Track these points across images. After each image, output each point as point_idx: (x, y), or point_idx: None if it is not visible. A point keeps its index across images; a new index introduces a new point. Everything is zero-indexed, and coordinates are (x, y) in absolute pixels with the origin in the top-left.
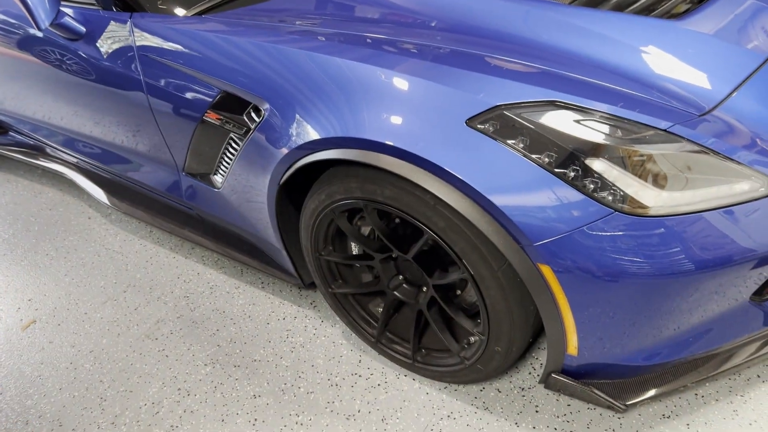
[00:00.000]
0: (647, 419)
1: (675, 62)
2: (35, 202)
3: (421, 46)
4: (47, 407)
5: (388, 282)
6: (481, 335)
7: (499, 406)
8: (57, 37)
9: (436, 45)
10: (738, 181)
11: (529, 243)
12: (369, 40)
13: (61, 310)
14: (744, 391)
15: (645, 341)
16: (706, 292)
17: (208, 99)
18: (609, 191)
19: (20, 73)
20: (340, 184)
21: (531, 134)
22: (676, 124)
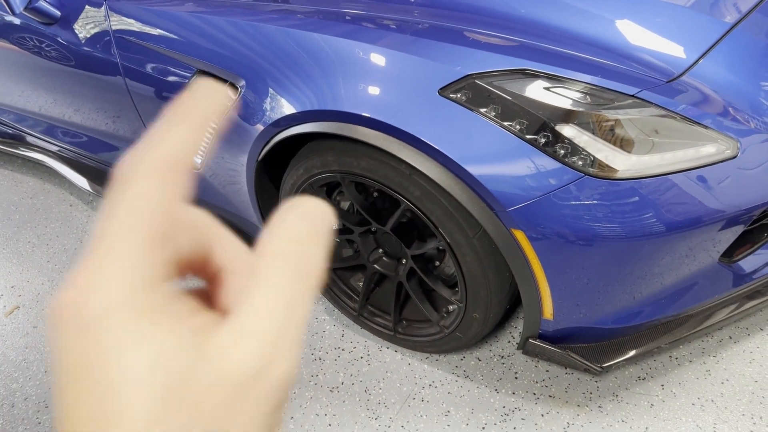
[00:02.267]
0: (623, 381)
1: (645, 32)
2: (16, 191)
3: (400, 22)
4: (33, 390)
5: (368, 256)
6: (460, 303)
7: (480, 373)
8: (33, 22)
9: (416, 20)
10: (704, 144)
11: (502, 209)
12: (348, 17)
13: (44, 296)
14: (716, 352)
15: (619, 304)
16: (677, 255)
17: (184, 79)
18: (579, 156)
19: (1, 63)
20: (317, 158)
21: (502, 102)
22: (644, 90)
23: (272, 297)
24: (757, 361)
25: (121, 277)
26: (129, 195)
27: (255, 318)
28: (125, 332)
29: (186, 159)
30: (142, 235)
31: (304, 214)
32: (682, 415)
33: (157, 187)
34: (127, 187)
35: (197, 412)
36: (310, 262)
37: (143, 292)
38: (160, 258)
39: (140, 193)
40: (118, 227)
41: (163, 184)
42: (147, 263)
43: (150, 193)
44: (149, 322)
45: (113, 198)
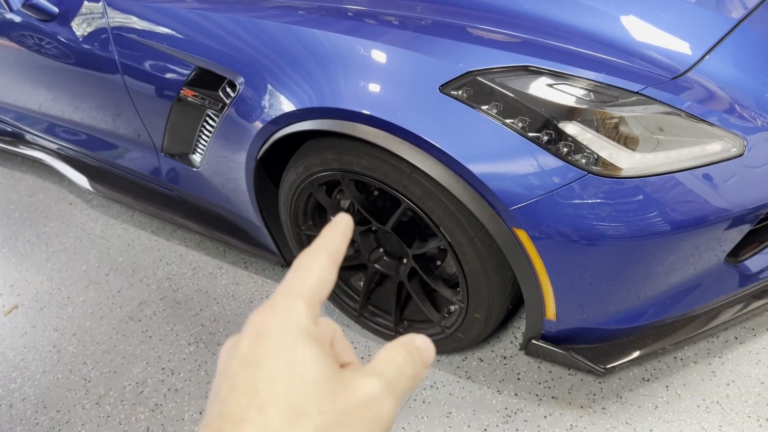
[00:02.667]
0: (627, 383)
1: (650, 28)
2: (15, 189)
3: (402, 18)
4: (31, 390)
5: (368, 255)
6: (461, 303)
7: (482, 374)
8: (31, 19)
9: (418, 16)
10: (710, 142)
11: (504, 208)
12: (350, 13)
13: (43, 295)
14: (722, 353)
15: (623, 305)
16: (682, 254)
17: (183, 76)
18: (582, 154)
19: None
20: (317, 156)
21: (504, 99)
22: (649, 87)
23: (390, 362)
24: (763, 362)
25: (293, 312)
26: (308, 267)
27: (377, 369)
28: (290, 339)
29: (340, 257)
30: (311, 294)
31: (422, 344)
32: (687, 417)
33: (326, 267)
34: (309, 262)
35: (328, 405)
36: (419, 363)
37: (305, 325)
38: (315, 314)
39: (317, 269)
40: (298, 285)
41: (330, 268)
42: (310, 311)
43: (321, 271)
44: (306, 340)
45: (298, 267)
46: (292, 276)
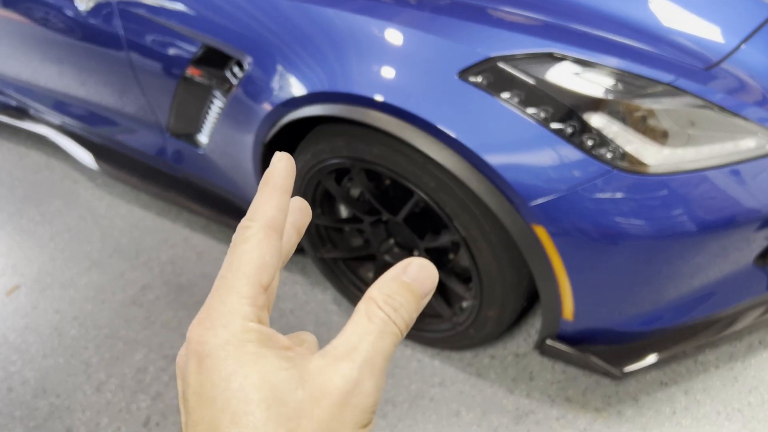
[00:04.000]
0: (645, 386)
1: (683, 13)
2: (20, 165)
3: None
4: (31, 373)
5: (378, 246)
6: (474, 300)
7: (493, 372)
8: None
9: None
10: (743, 138)
11: (523, 203)
12: None
13: (45, 276)
14: (745, 358)
15: (644, 306)
16: (709, 255)
17: (189, 54)
18: (608, 148)
19: (3, 33)
20: (326, 143)
21: (527, 88)
22: (680, 78)
23: (362, 332)
24: None
25: (233, 317)
26: (242, 250)
27: (347, 347)
28: (236, 360)
29: (282, 220)
30: (250, 284)
31: (408, 271)
32: (706, 424)
33: (263, 244)
34: (241, 244)
35: (298, 422)
36: (399, 313)
37: (249, 330)
38: (261, 303)
39: (250, 250)
40: (232, 277)
41: (268, 243)
42: (251, 308)
43: (258, 250)
44: (254, 351)
45: (232, 251)
46: (227, 264)
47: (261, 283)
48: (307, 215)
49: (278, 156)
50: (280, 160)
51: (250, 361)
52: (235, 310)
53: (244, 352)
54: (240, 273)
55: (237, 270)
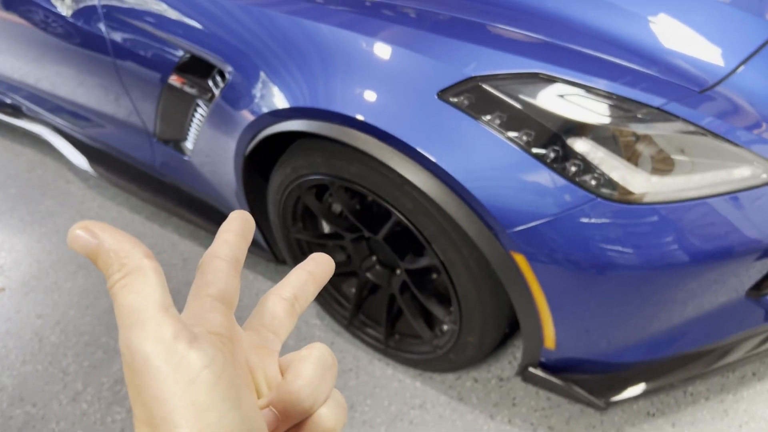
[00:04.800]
0: (630, 416)
1: (681, 32)
2: (14, 163)
3: (420, 12)
4: (9, 380)
5: (360, 263)
6: (453, 324)
7: (475, 396)
8: None
9: (437, 11)
10: (737, 166)
11: (501, 230)
12: (368, 3)
13: (31, 279)
14: (737, 390)
15: (630, 336)
16: (700, 287)
17: (172, 61)
18: (592, 175)
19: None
20: (305, 158)
21: (509, 110)
22: (672, 102)
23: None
24: None
25: (169, 326)
26: (203, 273)
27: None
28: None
29: (242, 258)
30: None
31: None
32: None
33: (226, 274)
34: (203, 271)
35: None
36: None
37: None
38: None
39: (209, 275)
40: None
41: (228, 272)
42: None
43: (214, 277)
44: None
45: (198, 277)
46: (198, 280)
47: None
48: (328, 269)
49: (238, 212)
50: (235, 217)
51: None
52: (165, 322)
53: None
54: (198, 294)
55: (195, 293)
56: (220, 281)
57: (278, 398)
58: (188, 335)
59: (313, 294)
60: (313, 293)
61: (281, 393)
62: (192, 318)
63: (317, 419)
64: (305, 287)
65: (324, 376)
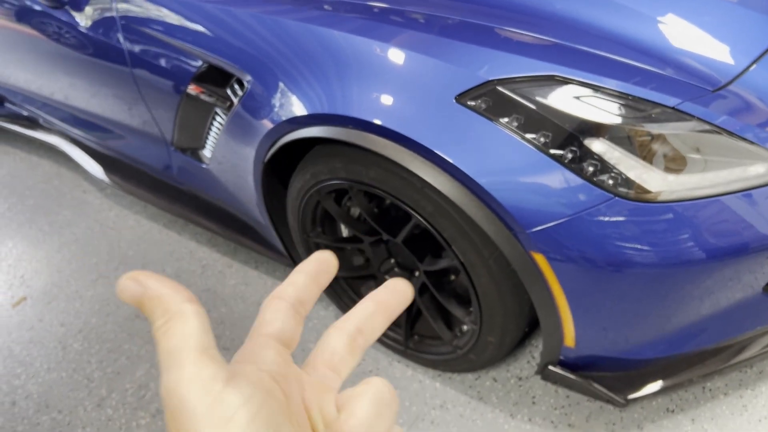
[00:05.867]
0: (650, 413)
1: (691, 32)
2: (31, 175)
3: (429, 17)
4: (34, 387)
5: (379, 266)
6: (473, 324)
7: (495, 396)
8: (45, 6)
9: (446, 15)
10: (753, 164)
11: (521, 230)
12: (376, 9)
13: (52, 288)
14: (755, 385)
15: (649, 333)
16: (717, 283)
17: (191, 71)
18: (609, 175)
19: (12, 44)
20: (324, 164)
21: (526, 112)
22: (686, 101)
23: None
24: None
25: (205, 367)
26: (262, 313)
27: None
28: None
29: (308, 301)
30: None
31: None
32: None
33: (285, 314)
34: (262, 311)
35: None
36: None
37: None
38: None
39: (267, 315)
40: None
41: (287, 313)
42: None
43: (272, 317)
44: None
45: (258, 317)
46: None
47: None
48: (404, 296)
49: (318, 253)
50: (320, 253)
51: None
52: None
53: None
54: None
55: (253, 333)
56: (277, 320)
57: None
58: (225, 375)
59: (381, 326)
60: (382, 325)
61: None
62: (244, 356)
63: None
64: (372, 319)
65: (381, 413)
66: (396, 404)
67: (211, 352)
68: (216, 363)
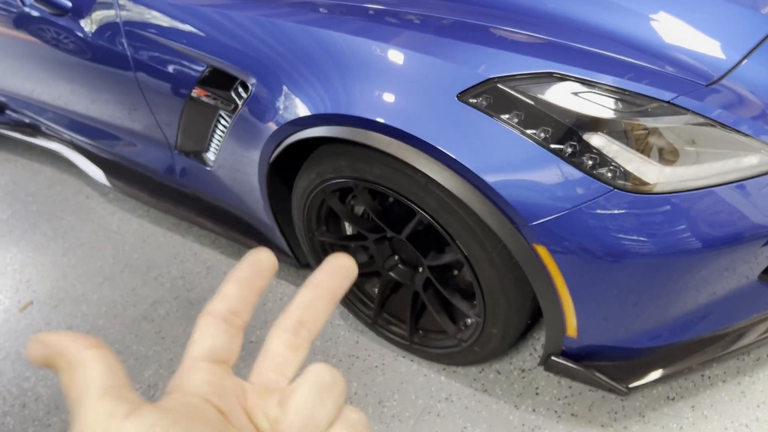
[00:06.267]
0: (651, 401)
1: (683, 29)
2: (33, 181)
3: (424, 18)
4: (44, 390)
5: (383, 263)
6: (478, 317)
7: (499, 388)
8: (47, 14)
9: (440, 16)
10: (746, 155)
11: (524, 223)
12: (371, 11)
13: (58, 291)
14: (753, 372)
15: (648, 322)
16: (714, 272)
17: (195, 75)
18: (608, 167)
19: (14, 51)
20: (329, 163)
21: (526, 108)
22: (681, 95)
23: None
24: None
25: (103, 407)
26: (192, 333)
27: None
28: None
29: (244, 310)
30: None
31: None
32: None
33: (215, 330)
34: (193, 331)
35: None
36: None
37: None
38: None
39: (196, 335)
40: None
41: (217, 329)
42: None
43: (200, 336)
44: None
45: (192, 335)
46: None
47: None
48: (343, 274)
49: (252, 254)
50: (254, 254)
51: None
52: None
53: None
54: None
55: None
56: (206, 339)
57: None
58: (125, 410)
59: (325, 311)
60: (325, 310)
61: (278, 430)
62: (173, 384)
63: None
64: (312, 307)
65: (321, 398)
66: (341, 386)
67: (115, 391)
68: (116, 400)
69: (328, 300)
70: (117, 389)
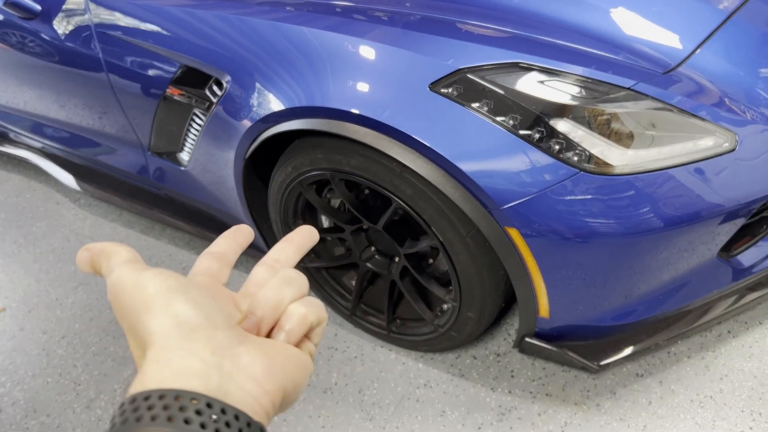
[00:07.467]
0: (621, 378)
1: (642, 21)
2: (2, 189)
3: (391, 14)
4: (20, 394)
5: (360, 254)
6: (454, 302)
7: (475, 372)
8: (13, 17)
9: (407, 12)
10: (702, 137)
11: (496, 207)
12: (338, 8)
13: (31, 297)
14: (715, 347)
15: (616, 301)
16: (676, 250)
17: (168, 75)
18: (574, 152)
19: None
20: (306, 156)
21: (495, 97)
22: (640, 83)
23: None
24: (756, 355)
25: (126, 266)
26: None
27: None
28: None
29: (230, 252)
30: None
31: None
32: (680, 412)
33: (209, 260)
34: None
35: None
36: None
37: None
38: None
39: (197, 264)
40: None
41: (213, 259)
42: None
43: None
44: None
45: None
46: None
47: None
48: (309, 237)
49: (236, 226)
50: (237, 227)
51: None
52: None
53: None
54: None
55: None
56: (203, 263)
57: (251, 307)
58: (144, 267)
59: (294, 256)
60: (294, 255)
61: (252, 302)
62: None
63: (289, 311)
64: (284, 251)
65: (288, 282)
66: (304, 282)
67: (136, 263)
68: (137, 264)
69: (296, 249)
70: (138, 263)
